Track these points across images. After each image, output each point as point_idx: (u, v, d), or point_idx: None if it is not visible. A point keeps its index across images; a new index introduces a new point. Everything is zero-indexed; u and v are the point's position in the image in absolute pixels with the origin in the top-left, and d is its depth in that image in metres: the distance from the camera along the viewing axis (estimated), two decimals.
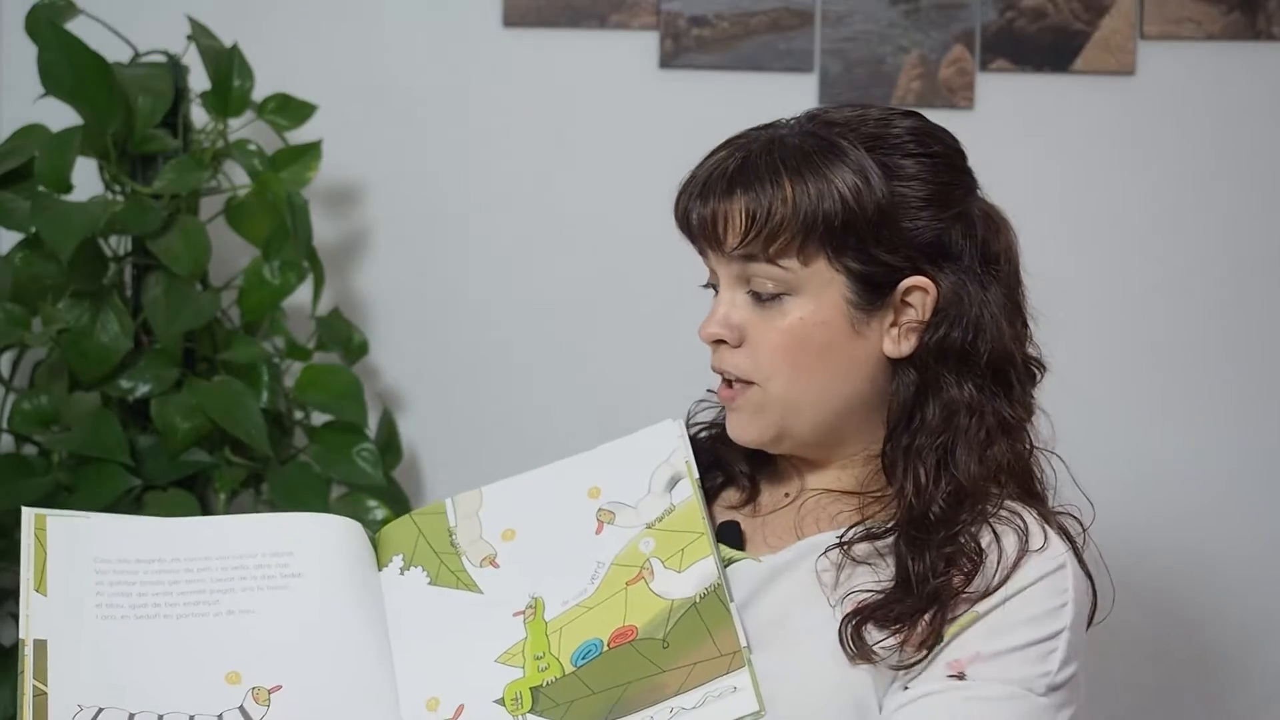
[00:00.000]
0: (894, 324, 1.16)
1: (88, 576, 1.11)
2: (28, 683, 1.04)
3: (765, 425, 1.18)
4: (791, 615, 1.13)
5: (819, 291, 1.15)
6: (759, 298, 1.16)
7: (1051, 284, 1.91)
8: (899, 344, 1.17)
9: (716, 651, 1.07)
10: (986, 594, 1.10)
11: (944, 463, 1.15)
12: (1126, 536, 1.88)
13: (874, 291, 1.15)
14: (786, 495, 1.24)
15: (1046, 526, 1.15)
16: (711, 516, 1.18)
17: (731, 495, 1.26)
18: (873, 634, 1.09)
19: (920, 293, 1.16)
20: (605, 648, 1.10)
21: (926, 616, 1.09)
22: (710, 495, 1.25)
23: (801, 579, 1.15)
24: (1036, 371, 1.23)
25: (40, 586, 1.09)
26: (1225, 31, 1.91)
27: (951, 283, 1.17)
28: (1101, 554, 1.21)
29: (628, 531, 1.16)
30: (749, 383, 1.17)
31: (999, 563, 1.11)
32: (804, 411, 1.17)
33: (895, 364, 1.17)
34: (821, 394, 1.17)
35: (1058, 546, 1.14)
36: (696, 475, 1.18)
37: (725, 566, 1.15)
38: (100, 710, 1.05)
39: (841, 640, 1.09)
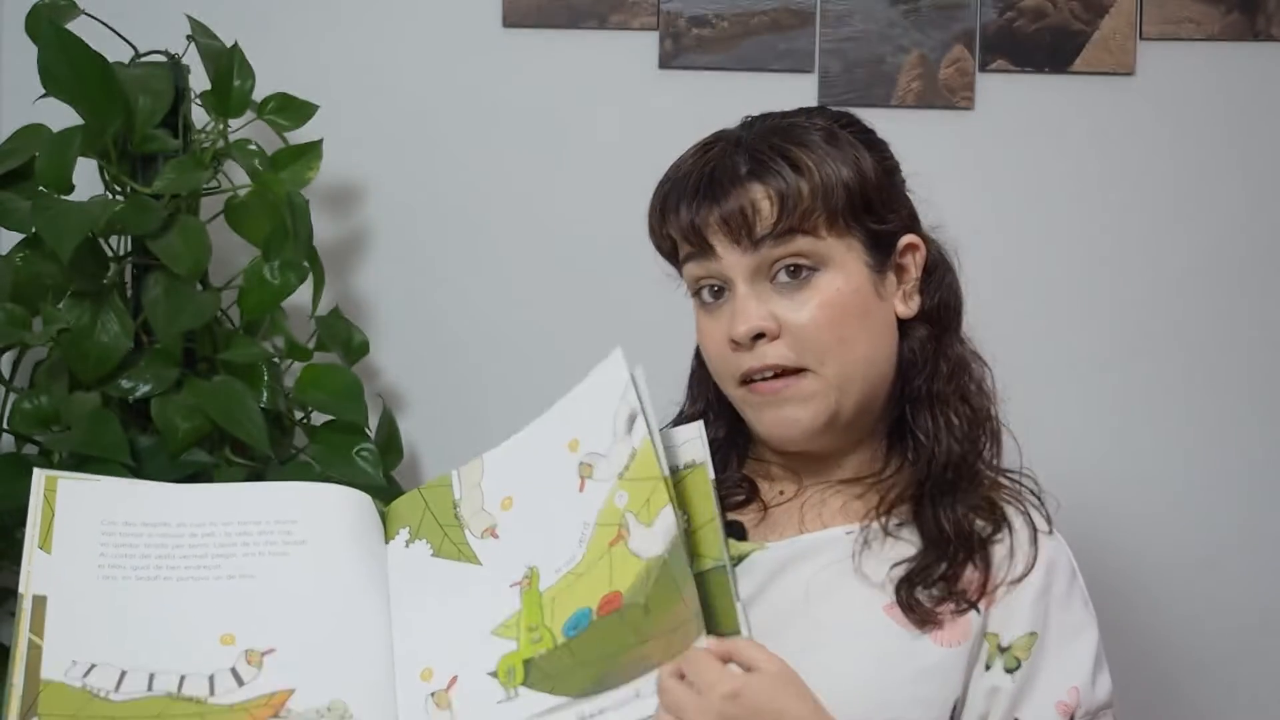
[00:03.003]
0: (899, 285, 1.22)
1: (93, 537, 1.13)
2: (23, 635, 1.07)
3: (819, 411, 1.17)
4: (811, 600, 1.15)
5: (844, 260, 1.18)
6: (787, 281, 1.16)
7: (1051, 283, 1.93)
8: (907, 303, 1.22)
9: (686, 610, 1.06)
10: (1014, 591, 1.16)
11: (962, 403, 1.21)
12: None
13: (883, 254, 1.20)
14: (781, 493, 1.25)
15: (1032, 513, 1.20)
16: (719, 498, 1.15)
17: (732, 499, 1.26)
18: (924, 599, 1.14)
19: (913, 251, 1.22)
20: (594, 616, 1.10)
21: (969, 564, 1.15)
22: None
23: (816, 570, 1.17)
24: None
25: (45, 544, 1.11)
26: (1225, 31, 1.91)
27: (934, 244, 1.25)
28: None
29: (604, 485, 1.15)
30: (799, 371, 1.17)
31: (1017, 557, 1.17)
32: (853, 387, 1.18)
33: (903, 324, 1.22)
34: (867, 365, 1.19)
35: (1060, 539, 1.21)
36: (649, 410, 1.14)
37: (737, 563, 1.15)
38: (93, 665, 1.07)
39: (904, 609, 1.13)
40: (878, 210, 1.19)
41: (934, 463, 1.19)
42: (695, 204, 1.17)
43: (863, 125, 1.24)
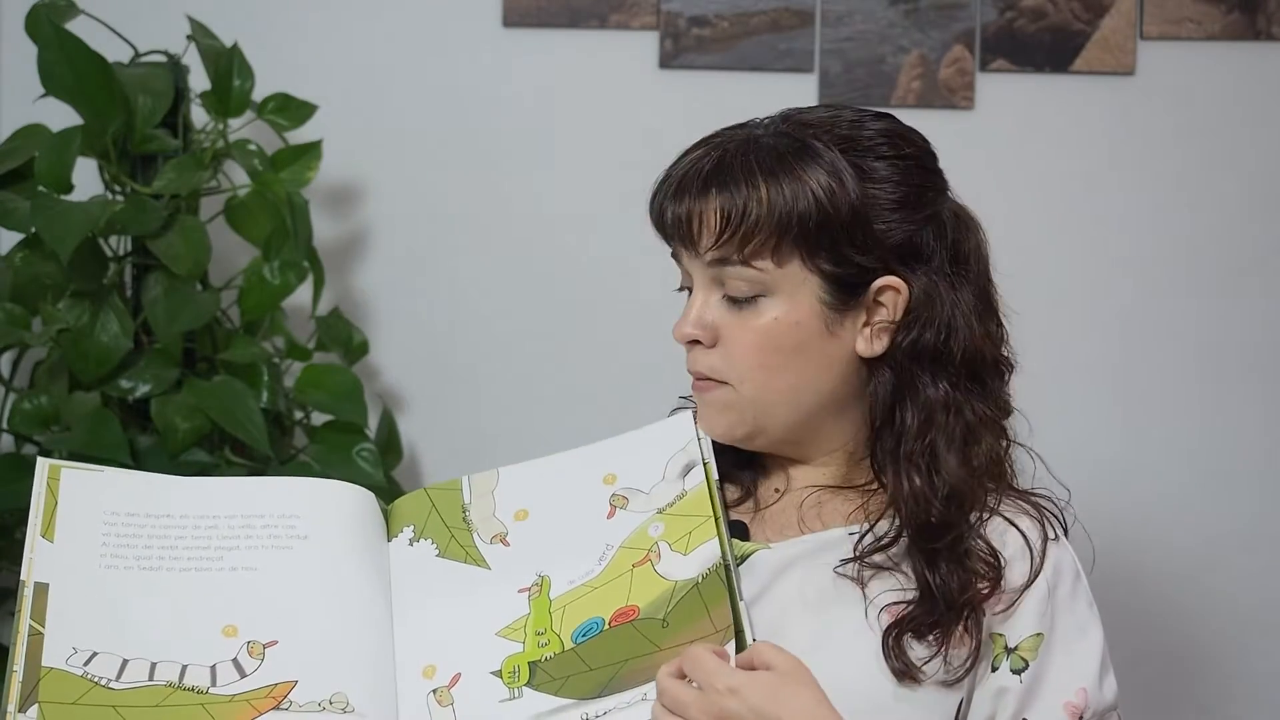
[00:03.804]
0: (866, 323, 1.17)
1: (96, 526, 1.13)
2: (24, 623, 1.06)
3: (734, 422, 1.18)
4: (813, 598, 1.15)
5: (793, 292, 1.15)
6: (736, 296, 1.16)
7: (1051, 283, 1.93)
8: (871, 344, 1.17)
9: (712, 628, 1.08)
10: (1021, 597, 1.15)
11: (933, 465, 1.16)
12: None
13: (847, 291, 1.16)
14: (776, 490, 1.24)
15: (1046, 522, 1.19)
16: (725, 506, 1.17)
17: (729, 492, 1.26)
18: (914, 648, 1.11)
19: (892, 292, 1.16)
20: (606, 626, 1.10)
21: (960, 628, 1.12)
22: None
23: (821, 571, 1.16)
24: (1005, 370, 1.23)
25: (48, 533, 1.11)
26: (1225, 31, 1.91)
27: (923, 284, 1.17)
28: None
29: (638, 516, 1.16)
30: (722, 382, 1.17)
31: (1026, 567, 1.16)
32: (776, 411, 1.17)
33: (870, 363, 1.18)
34: (794, 394, 1.17)
35: (1064, 542, 1.19)
36: (712, 461, 1.18)
37: (740, 563, 1.15)
38: (95, 654, 1.06)
39: (886, 655, 1.11)
40: (842, 249, 1.14)
41: (908, 521, 1.16)
42: (663, 199, 1.18)
43: (888, 150, 1.17)
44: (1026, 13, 1.91)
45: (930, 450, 1.16)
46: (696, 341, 1.17)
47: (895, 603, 1.14)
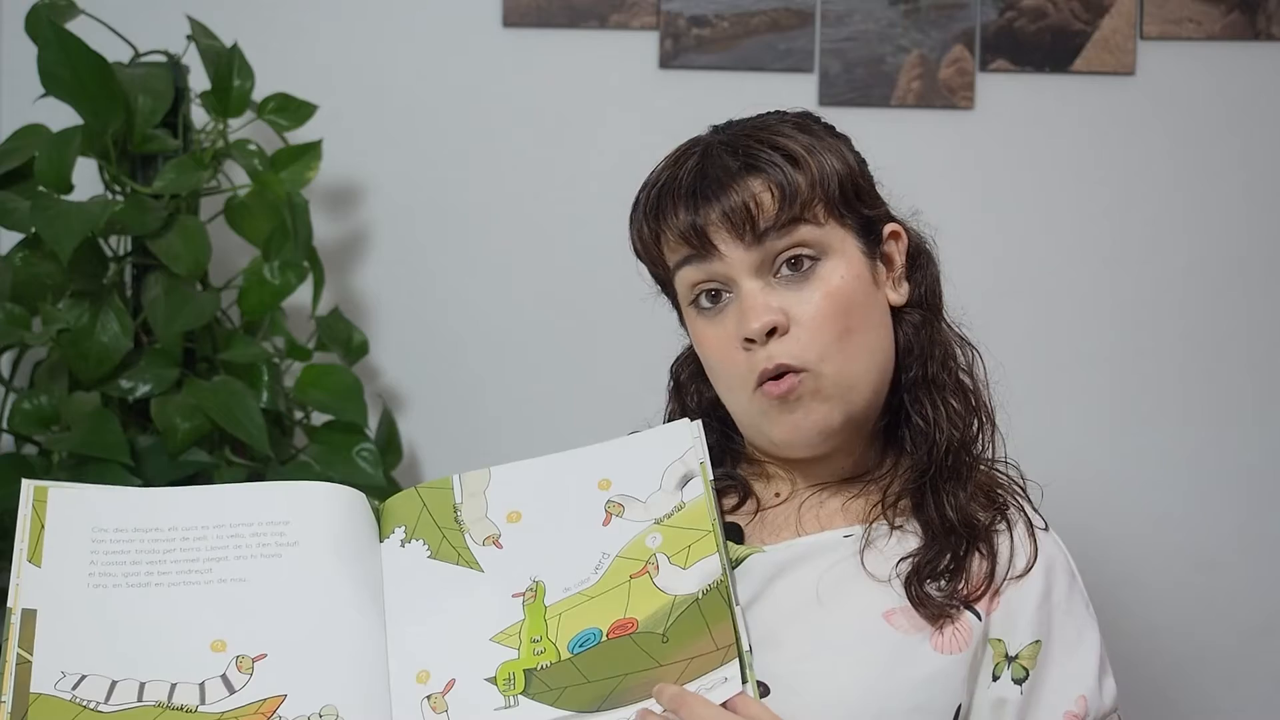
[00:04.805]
0: (888, 274, 1.22)
1: (84, 546, 1.12)
2: (12, 651, 1.06)
3: (833, 410, 1.16)
4: (809, 605, 1.15)
5: (842, 248, 1.17)
6: (789, 274, 1.16)
7: (1051, 282, 1.93)
8: (898, 290, 1.22)
9: (713, 645, 1.08)
10: (1018, 594, 1.16)
11: (960, 389, 1.21)
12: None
13: (873, 243, 1.20)
14: (777, 495, 1.24)
15: (1030, 511, 1.20)
16: (722, 516, 1.17)
17: (726, 501, 1.26)
18: (933, 591, 1.14)
19: (897, 239, 1.22)
20: (604, 638, 1.10)
21: (975, 558, 1.15)
22: None
23: (816, 575, 1.16)
24: None
25: (34, 557, 1.10)
26: (1225, 31, 1.91)
27: (914, 233, 1.25)
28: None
29: (635, 525, 1.16)
30: (804, 370, 1.15)
31: (1018, 552, 1.17)
32: (860, 384, 1.17)
33: (896, 312, 1.22)
34: (870, 358, 1.18)
35: (1056, 538, 1.20)
36: (711, 476, 1.17)
37: (735, 566, 1.15)
38: (83, 677, 1.06)
39: (915, 605, 1.13)
40: (866, 198, 1.20)
41: (935, 449, 1.18)
42: (694, 204, 1.16)
43: (825, 121, 1.24)
44: (1026, 13, 1.91)
45: (956, 377, 1.22)
46: (772, 332, 1.14)
47: (905, 558, 1.16)
